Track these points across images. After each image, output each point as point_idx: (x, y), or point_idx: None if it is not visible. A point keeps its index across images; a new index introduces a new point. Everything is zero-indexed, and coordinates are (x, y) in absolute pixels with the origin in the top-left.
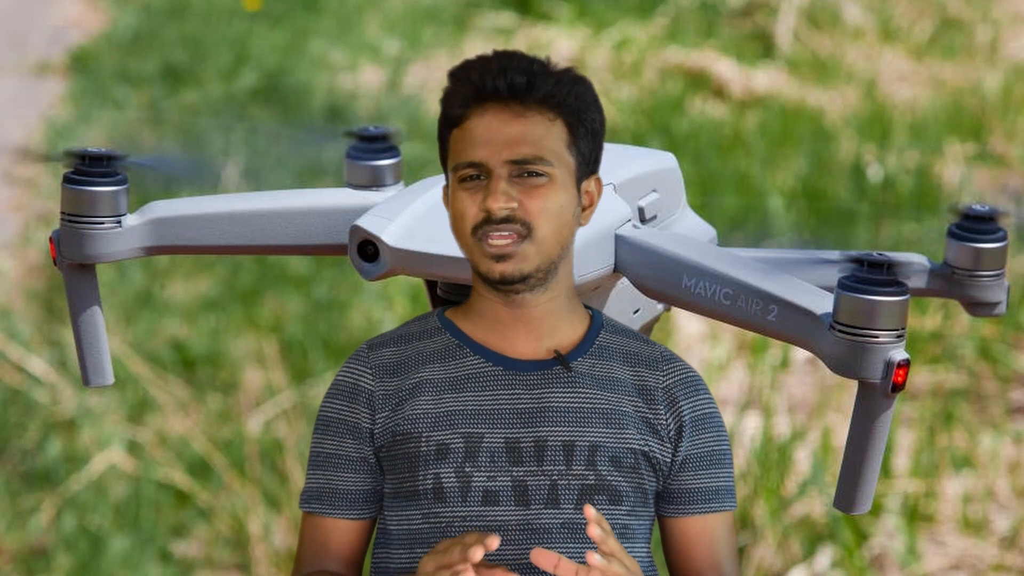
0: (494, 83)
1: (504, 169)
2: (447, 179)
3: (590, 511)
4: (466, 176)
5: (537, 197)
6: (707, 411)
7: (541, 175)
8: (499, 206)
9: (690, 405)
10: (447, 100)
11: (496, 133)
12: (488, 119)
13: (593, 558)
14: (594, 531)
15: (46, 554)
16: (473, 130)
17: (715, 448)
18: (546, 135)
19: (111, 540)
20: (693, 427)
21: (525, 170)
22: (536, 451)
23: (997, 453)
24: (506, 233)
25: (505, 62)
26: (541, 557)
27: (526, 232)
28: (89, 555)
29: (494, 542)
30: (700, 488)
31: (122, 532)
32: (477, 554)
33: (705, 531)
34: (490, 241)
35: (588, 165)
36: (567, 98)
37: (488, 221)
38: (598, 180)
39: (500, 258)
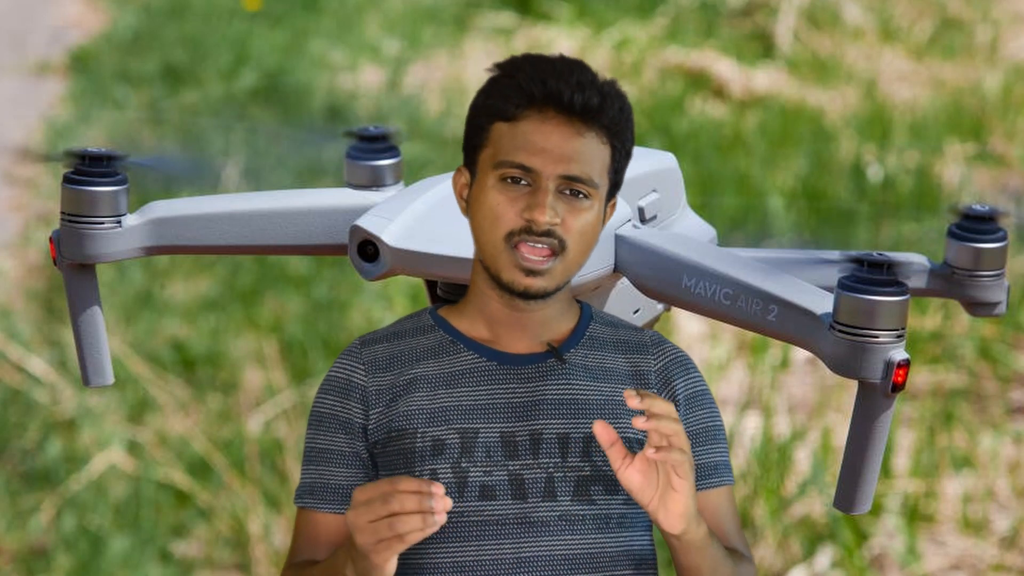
0: (571, 96)
1: (554, 183)
2: (471, 166)
3: (630, 396)
4: (508, 176)
5: (579, 217)
6: (700, 388)
7: (586, 196)
8: (546, 219)
9: (683, 384)
10: (502, 90)
11: (555, 145)
12: (549, 128)
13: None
14: (635, 402)
15: (46, 554)
16: (529, 133)
17: (710, 424)
18: (597, 158)
19: (111, 540)
20: (688, 405)
21: (572, 188)
22: (532, 444)
23: (997, 453)
24: (542, 247)
25: (581, 77)
26: (601, 429)
27: (560, 249)
28: (89, 555)
29: (439, 490)
30: (699, 465)
31: (122, 532)
32: (439, 505)
33: (708, 507)
34: (525, 253)
35: (615, 189)
36: (622, 126)
37: (528, 231)
38: (614, 205)
39: (530, 273)
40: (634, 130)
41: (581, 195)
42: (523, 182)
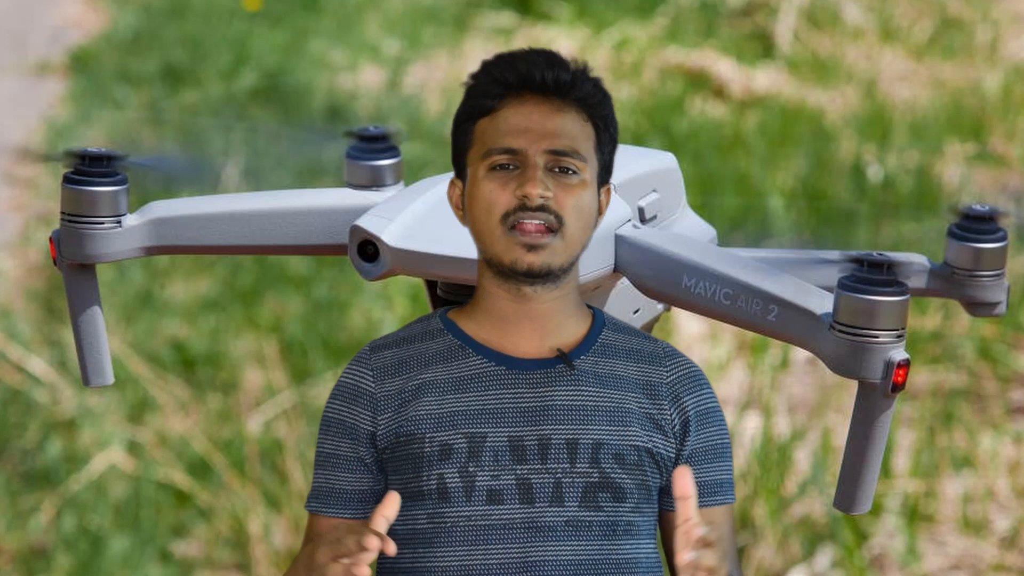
0: (541, 76)
1: (542, 159)
2: (462, 173)
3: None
4: (497, 164)
5: (571, 194)
6: (710, 406)
7: (575, 172)
8: (537, 192)
9: (694, 400)
10: (479, 90)
11: (536, 123)
12: (528, 109)
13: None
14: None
15: (46, 554)
16: (510, 119)
17: (718, 442)
18: (580, 134)
19: (111, 540)
20: (698, 422)
21: (561, 163)
22: (540, 449)
23: (997, 453)
24: (539, 222)
25: (549, 57)
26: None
27: (558, 225)
28: (89, 555)
29: (390, 548)
30: (705, 482)
31: (122, 532)
32: (373, 543)
33: (710, 524)
34: (523, 228)
35: (606, 172)
36: (599, 103)
37: (523, 208)
38: (608, 190)
39: (531, 248)
40: (614, 112)
41: (571, 171)
42: (512, 167)
